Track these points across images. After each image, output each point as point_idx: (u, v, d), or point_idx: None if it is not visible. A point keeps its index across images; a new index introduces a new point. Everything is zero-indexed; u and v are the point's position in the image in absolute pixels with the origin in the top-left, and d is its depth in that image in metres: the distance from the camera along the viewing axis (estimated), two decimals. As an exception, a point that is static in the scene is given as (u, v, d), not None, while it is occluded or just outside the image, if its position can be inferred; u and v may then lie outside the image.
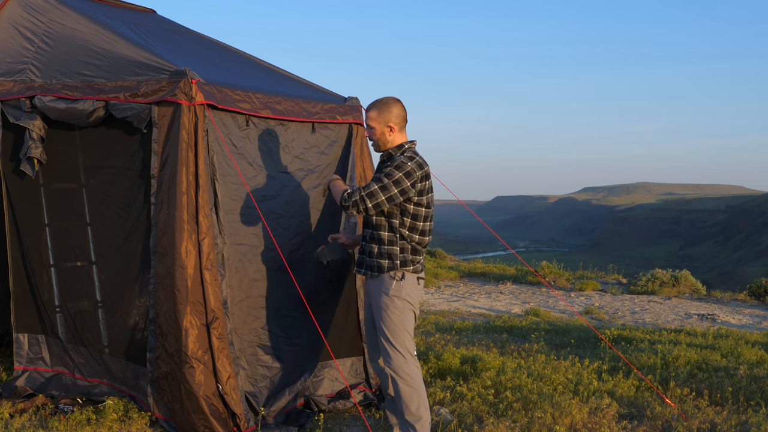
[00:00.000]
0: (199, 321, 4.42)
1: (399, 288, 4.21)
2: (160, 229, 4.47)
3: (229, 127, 4.73)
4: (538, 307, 12.13)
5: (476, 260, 23.85)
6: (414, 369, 4.24)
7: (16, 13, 5.34)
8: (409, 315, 4.27)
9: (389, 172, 4.13)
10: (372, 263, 4.29)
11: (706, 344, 7.81)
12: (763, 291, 14.42)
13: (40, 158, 4.97)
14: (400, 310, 4.22)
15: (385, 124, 4.25)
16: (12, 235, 5.30)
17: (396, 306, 4.22)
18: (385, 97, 4.33)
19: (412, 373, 4.23)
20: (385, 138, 4.28)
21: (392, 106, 4.27)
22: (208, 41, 6.14)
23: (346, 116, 5.54)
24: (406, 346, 4.23)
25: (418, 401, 4.22)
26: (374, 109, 4.28)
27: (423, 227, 4.27)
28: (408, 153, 4.24)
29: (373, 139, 4.31)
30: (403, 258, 4.23)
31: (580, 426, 4.83)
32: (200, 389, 4.39)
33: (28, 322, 5.33)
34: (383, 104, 4.28)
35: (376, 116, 4.26)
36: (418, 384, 4.25)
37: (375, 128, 4.27)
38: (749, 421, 5.08)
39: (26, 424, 4.69)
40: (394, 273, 4.22)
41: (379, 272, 4.25)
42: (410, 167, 4.14)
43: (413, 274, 4.27)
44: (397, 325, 4.21)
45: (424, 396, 4.27)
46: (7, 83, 5.03)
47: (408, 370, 4.22)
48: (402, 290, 4.22)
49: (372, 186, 4.14)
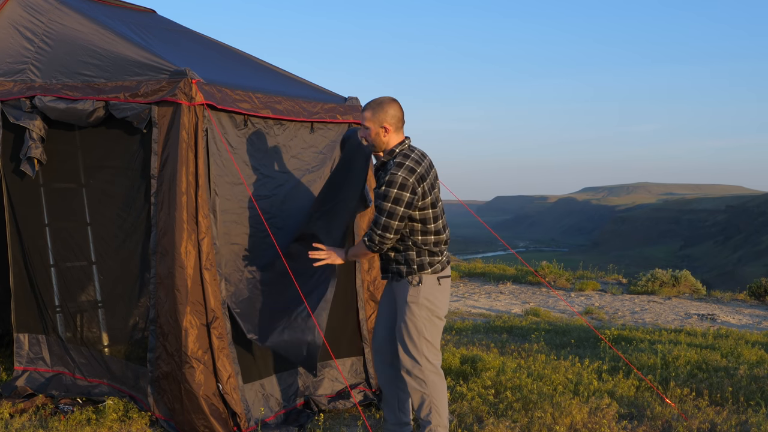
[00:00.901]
0: (199, 321, 4.42)
1: (416, 293, 4.13)
2: (161, 229, 4.48)
3: (226, 127, 4.73)
4: (538, 307, 12.13)
5: (476, 260, 23.84)
6: (429, 375, 4.13)
7: (16, 13, 5.35)
8: (430, 322, 4.15)
9: (385, 193, 4.03)
10: (393, 269, 4.23)
11: (706, 344, 7.81)
12: (763, 291, 14.42)
13: (40, 158, 4.97)
14: (416, 317, 4.12)
15: (379, 124, 4.14)
16: (12, 235, 5.30)
17: (413, 313, 4.12)
18: (381, 97, 4.22)
19: (427, 378, 4.13)
20: (380, 139, 4.17)
21: (387, 106, 4.16)
22: (208, 41, 6.14)
23: (345, 116, 5.54)
24: (423, 353, 4.13)
25: (429, 406, 4.15)
26: (369, 109, 4.18)
27: (436, 227, 4.18)
28: (398, 158, 4.10)
29: (369, 140, 4.21)
30: (420, 262, 4.14)
31: (580, 426, 4.83)
32: (200, 389, 4.39)
33: (29, 322, 5.34)
34: (378, 104, 4.17)
35: (371, 117, 4.15)
36: (431, 390, 4.13)
37: (370, 129, 4.17)
38: (749, 421, 5.08)
39: (26, 424, 4.69)
40: (411, 278, 4.15)
41: (400, 277, 4.19)
42: (401, 177, 4.01)
43: (432, 275, 4.16)
44: (412, 332, 4.12)
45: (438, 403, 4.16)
46: (7, 83, 5.03)
47: (421, 374, 4.13)
48: (419, 296, 4.12)
49: (381, 220, 4.05)
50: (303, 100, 5.30)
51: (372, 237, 4.10)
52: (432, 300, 4.15)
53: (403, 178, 4.02)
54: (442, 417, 4.15)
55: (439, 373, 4.18)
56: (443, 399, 4.17)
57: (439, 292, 4.18)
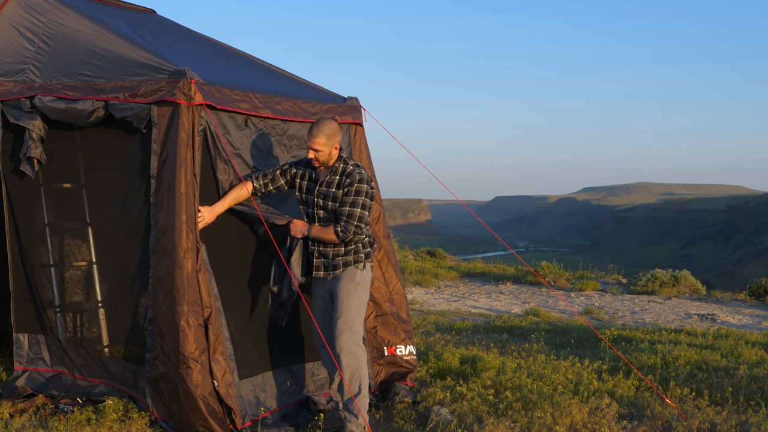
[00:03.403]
0: (196, 321, 4.41)
1: (363, 277, 4.70)
2: (160, 229, 4.47)
3: (227, 127, 4.73)
4: (538, 307, 12.13)
5: (476, 260, 23.85)
6: (359, 350, 4.62)
7: (16, 13, 5.35)
8: (365, 303, 4.76)
9: (358, 190, 4.57)
10: (341, 261, 4.66)
11: (706, 344, 7.81)
12: (763, 291, 14.42)
13: (40, 158, 4.97)
14: (361, 297, 4.69)
15: (332, 147, 4.61)
16: (12, 235, 5.30)
17: (358, 294, 4.67)
18: (326, 120, 4.62)
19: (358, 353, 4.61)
20: (330, 156, 4.64)
21: (336, 129, 4.62)
22: (208, 41, 6.14)
23: (345, 116, 5.54)
24: (358, 330, 4.65)
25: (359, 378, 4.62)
26: (322, 135, 4.55)
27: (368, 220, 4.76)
28: (351, 162, 4.68)
29: (320, 160, 4.61)
30: (366, 252, 4.73)
31: (580, 426, 4.83)
32: (198, 389, 4.37)
33: (28, 322, 5.33)
34: (329, 129, 4.58)
35: (326, 141, 4.57)
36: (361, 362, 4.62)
37: (323, 151, 4.59)
38: (749, 421, 5.08)
39: (26, 424, 4.69)
40: (358, 264, 4.69)
41: (346, 266, 4.67)
42: (367, 176, 4.65)
43: (370, 263, 4.78)
44: (353, 311, 4.62)
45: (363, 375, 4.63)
46: (7, 83, 5.03)
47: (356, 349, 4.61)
48: (365, 279, 4.71)
49: (357, 212, 4.58)
50: (302, 100, 5.30)
51: (347, 229, 4.58)
52: (368, 285, 4.77)
53: (367, 176, 4.66)
54: (365, 387, 4.63)
55: (363, 348, 4.70)
56: (366, 372, 4.67)
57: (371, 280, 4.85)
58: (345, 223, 4.57)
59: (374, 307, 5.55)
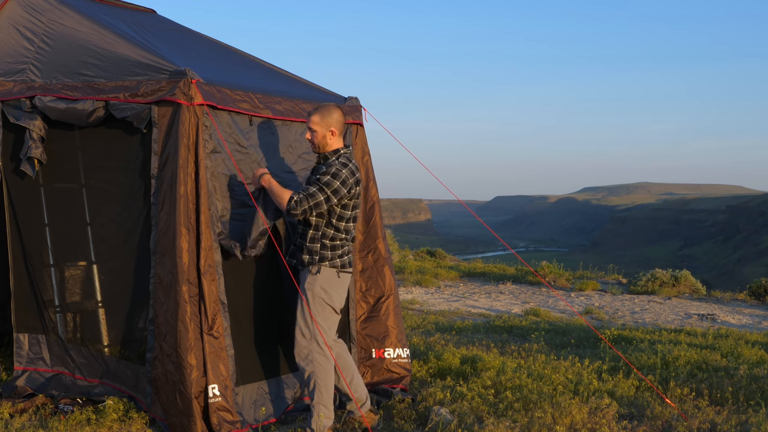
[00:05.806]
0: (196, 322, 4.41)
1: (313, 281, 4.54)
2: (161, 229, 4.47)
3: (233, 126, 4.74)
4: (538, 307, 12.13)
5: (476, 260, 23.85)
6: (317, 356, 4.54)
7: (16, 13, 5.35)
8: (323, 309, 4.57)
9: (328, 181, 4.45)
10: (299, 257, 4.61)
11: (706, 344, 7.81)
12: (763, 291, 14.42)
13: (40, 158, 4.97)
14: (311, 302, 4.53)
15: (327, 128, 4.57)
16: (12, 235, 5.30)
17: (308, 299, 4.53)
18: (327, 103, 4.66)
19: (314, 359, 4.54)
20: (325, 141, 4.59)
21: (334, 111, 4.60)
22: (208, 41, 6.14)
23: (346, 116, 5.53)
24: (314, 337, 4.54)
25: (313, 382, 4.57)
26: (317, 113, 4.58)
27: (345, 228, 4.62)
28: (342, 159, 4.56)
29: (315, 142, 4.59)
30: (322, 254, 4.56)
31: (580, 426, 4.83)
32: (195, 390, 4.36)
33: (29, 322, 5.34)
34: (326, 109, 4.60)
35: (319, 120, 4.56)
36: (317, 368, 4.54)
37: (317, 132, 4.57)
38: (749, 421, 5.08)
39: (26, 424, 4.69)
40: (312, 267, 4.56)
41: (302, 266, 4.59)
42: (345, 175, 4.48)
43: (331, 268, 4.58)
44: (306, 316, 4.53)
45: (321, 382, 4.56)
46: (8, 83, 5.03)
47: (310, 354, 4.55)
48: (316, 284, 4.53)
49: (317, 196, 4.43)
50: (302, 100, 5.30)
51: (301, 202, 4.43)
52: (327, 290, 4.56)
53: (344, 174, 4.49)
54: (323, 395, 4.55)
55: (326, 355, 4.54)
56: (328, 380, 4.56)
57: (337, 285, 4.60)
58: (301, 197, 4.43)
59: (366, 308, 5.56)
